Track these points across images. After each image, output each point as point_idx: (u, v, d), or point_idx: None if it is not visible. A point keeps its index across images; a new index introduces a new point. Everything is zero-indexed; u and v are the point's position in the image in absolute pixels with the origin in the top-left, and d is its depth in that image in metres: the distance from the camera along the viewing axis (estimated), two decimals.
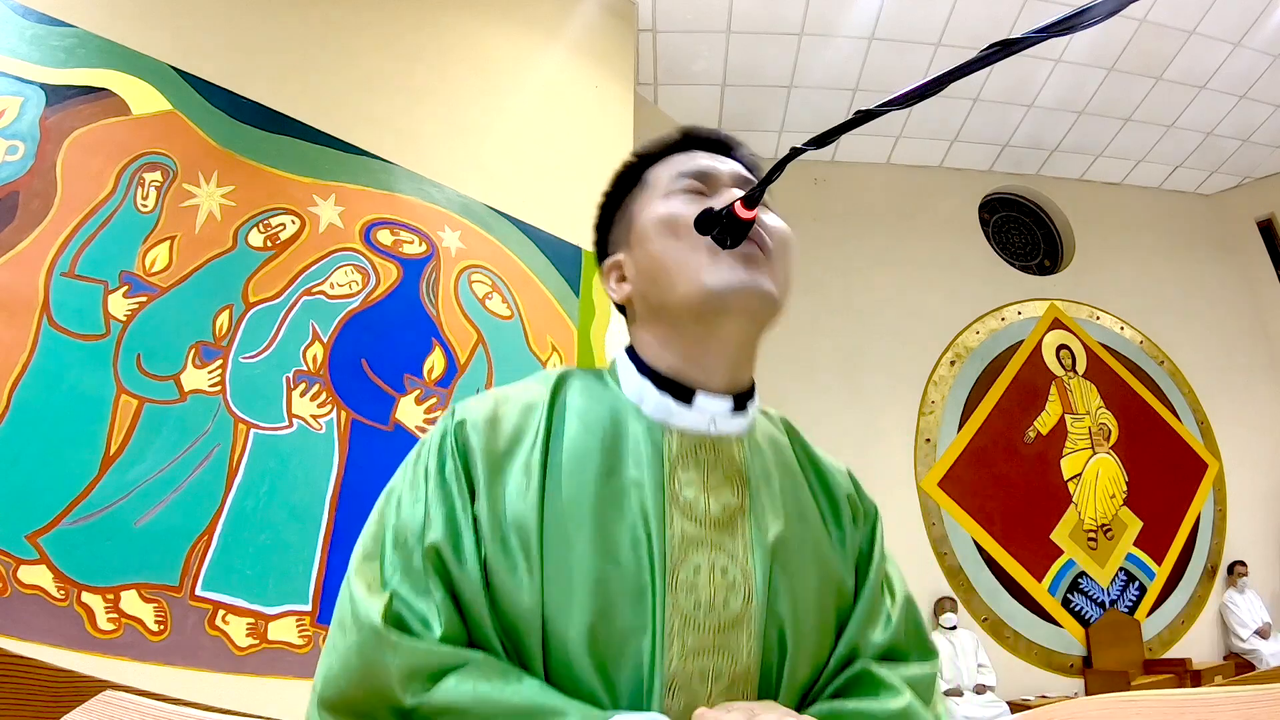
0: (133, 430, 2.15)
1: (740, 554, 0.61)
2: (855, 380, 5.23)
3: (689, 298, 0.64)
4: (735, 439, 0.67)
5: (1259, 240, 6.40)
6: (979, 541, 5.04)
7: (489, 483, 0.60)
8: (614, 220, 0.75)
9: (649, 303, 0.68)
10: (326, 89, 2.92)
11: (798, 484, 0.70)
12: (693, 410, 0.65)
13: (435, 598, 0.56)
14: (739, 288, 0.62)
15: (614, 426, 0.65)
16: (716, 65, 4.83)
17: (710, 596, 0.59)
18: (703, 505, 0.62)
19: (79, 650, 1.92)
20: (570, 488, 0.60)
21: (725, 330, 0.65)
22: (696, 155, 0.72)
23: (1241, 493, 5.67)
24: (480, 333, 3.03)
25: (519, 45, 3.66)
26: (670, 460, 0.63)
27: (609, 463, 0.62)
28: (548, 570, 0.56)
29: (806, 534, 0.66)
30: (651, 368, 0.67)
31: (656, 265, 0.66)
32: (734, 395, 0.68)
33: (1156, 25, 4.66)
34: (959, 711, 4.27)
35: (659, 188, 0.70)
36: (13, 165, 2.13)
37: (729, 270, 0.63)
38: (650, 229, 0.68)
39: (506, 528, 0.58)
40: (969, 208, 6.04)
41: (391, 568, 0.58)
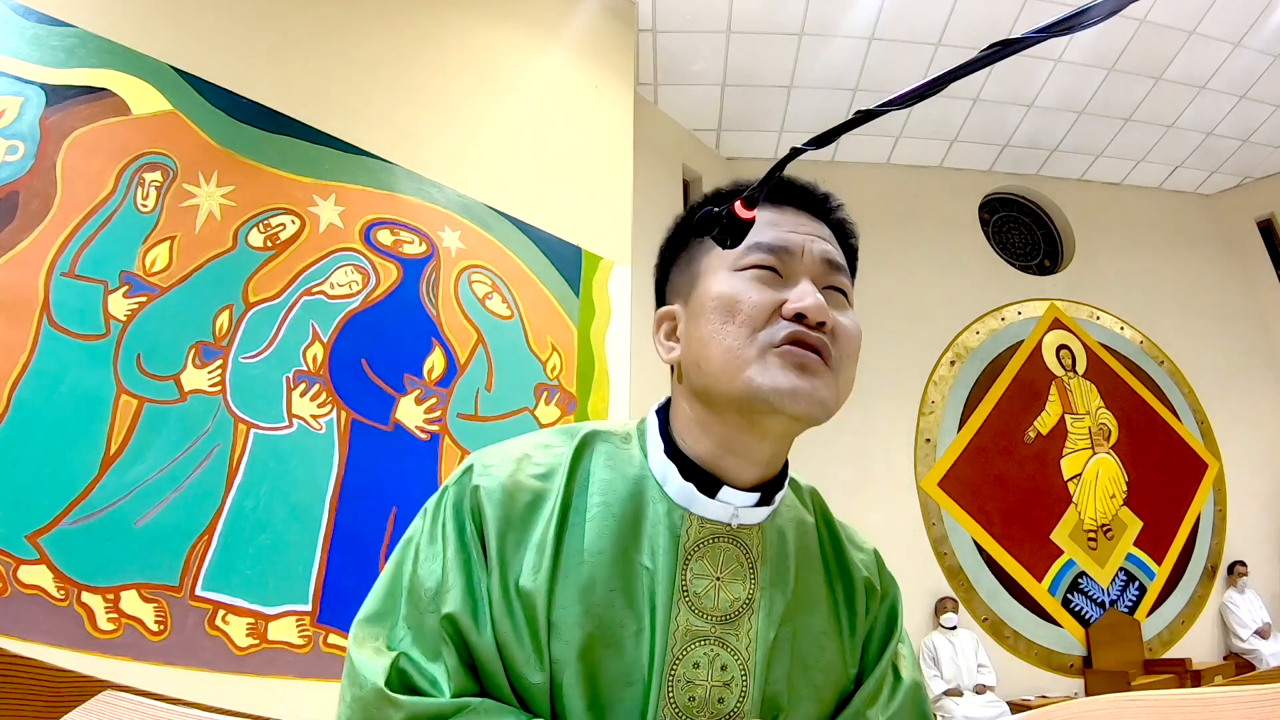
0: (133, 430, 2.15)
1: (742, 650, 0.61)
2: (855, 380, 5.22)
3: (733, 391, 0.60)
4: (755, 528, 0.65)
5: (1259, 240, 6.40)
6: (979, 541, 5.04)
7: (500, 555, 0.59)
8: (678, 264, 0.70)
9: (693, 382, 0.64)
10: (326, 89, 2.92)
11: (813, 571, 0.68)
12: (715, 502, 0.63)
13: (448, 662, 0.56)
14: (788, 392, 0.58)
15: (634, 505, 0.63)
16: (716, 65, 4.83)
17: (706, 693, 0.59)
18: (712, 599, 0.61)
19: (79, 650, 1.92)
20: (582, 573, 0.59)
21: (766, 427, 0.61)
22: (782, 216, 0.66)
23: (1241, 493, 5.67)
24: (480, 333, 3.03)
25: (519, 45, 3.66)
26: (685, 549, 0.62)
27: (623, 544, 0.61)
28: (553, 652, 0.57)
29: (816, 620, 0.66)
30: (681, 450, 0.65)
31: (705, 348, 0.62)
32: (762, 488, 0.65)
33: (1156, 25, 4.66)
34: (959, 712, 4.26)
35: (731, 254, 0.64)
36: (13, 165, 2.13)
37: (778, 373, 0.58)
38: (709, 303, 0.63)
39: (516, 606, 0.58)
40: (969, 208, 6.04)
41: (404, 628, 0.58)
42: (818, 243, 0.65)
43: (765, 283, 0.62)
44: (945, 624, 4.59)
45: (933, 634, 4.60)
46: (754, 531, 0.65)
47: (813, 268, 0.64)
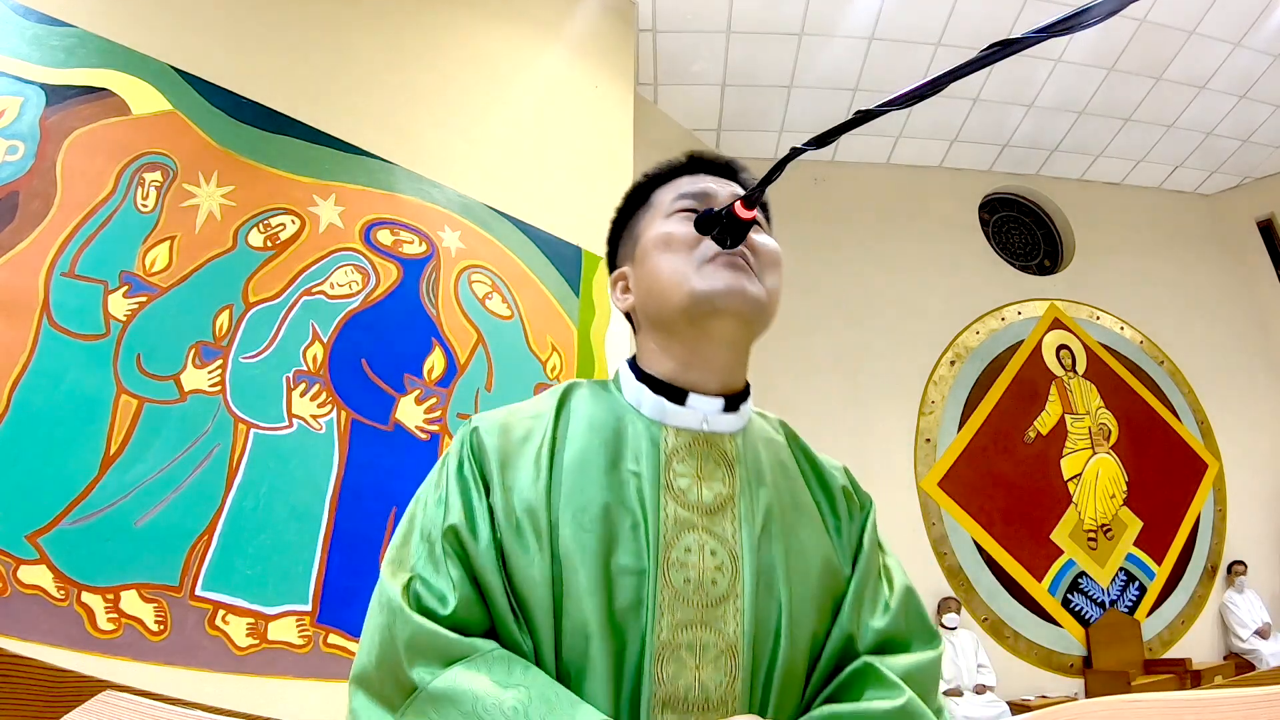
0: (133, 430, 2.15)
1: (729, 537, 0.66)
2: (855, 380, 5.23)
3: (680, 302, 0.69)
4: (728, 435, 0.72)
5: (1259, 240, 6.40)
6: (979, 541, 5.04)
7: (502, 477, 0.66)
8: (622, 237, 0.82)
9: (648, 312, 0.75)
10: (326, 89, 2.92)
11: (792, 477, 0.75)
12: (686, 409, 0.71)
13: (452, 575, 0.61)
14: (724, 290, 0.68)
15: (616, 426, 0.71)
16: (716, 65, 4.83)
17: (700, 575, 0.64)
18: (695, 494, 0.68)
19: (79, 650, 1.92)
20: (576, 479, 0.66)
21: (716, 331, 0.70)
22: (700, 178, 0.78)
23: (1241, 493, 5.67)
24: (480, 333, 3.03)
25: (519, 45, 3.66)
26: (666, 453, 0.69)
27: (611, 457, 0.68)
28: (556, 551, 0.62)
29: (800, 519, 0.71)
30: (649, 374, 0.74)
31: (653, 277, 0.73)
32: (726, 396, 0.73)
33: (1156, 25, 4.66)
34: (959, 712, 4.27)
35: (662, 208, 0.77)
36: (13, 165, 2.13)
37: (714, 276, 0.69)
38: (650, 245, 0.74)
39: (520, 515, 0.64)
40: (969, 208, 6.04)
41: (416, 555, 0.64)
42: (730, 187, 0.78)
43: (691, 220, 0.73)
44: (947, 624, 4.59)
45: None
46: (726, 438, 0.72)
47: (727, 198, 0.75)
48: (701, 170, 0.80)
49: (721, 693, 0.60)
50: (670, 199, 0.76)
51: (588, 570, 0.61)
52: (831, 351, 5.26)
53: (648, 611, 0.61)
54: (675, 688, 0.59)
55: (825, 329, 5.30)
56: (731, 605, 0.63)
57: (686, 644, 0.61)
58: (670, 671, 0.60)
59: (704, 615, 0.62)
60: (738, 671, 0.61)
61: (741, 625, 0.63)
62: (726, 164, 0.81)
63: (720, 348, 0.71)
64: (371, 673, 0.60)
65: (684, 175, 0.80)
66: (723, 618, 0.63)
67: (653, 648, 0.60)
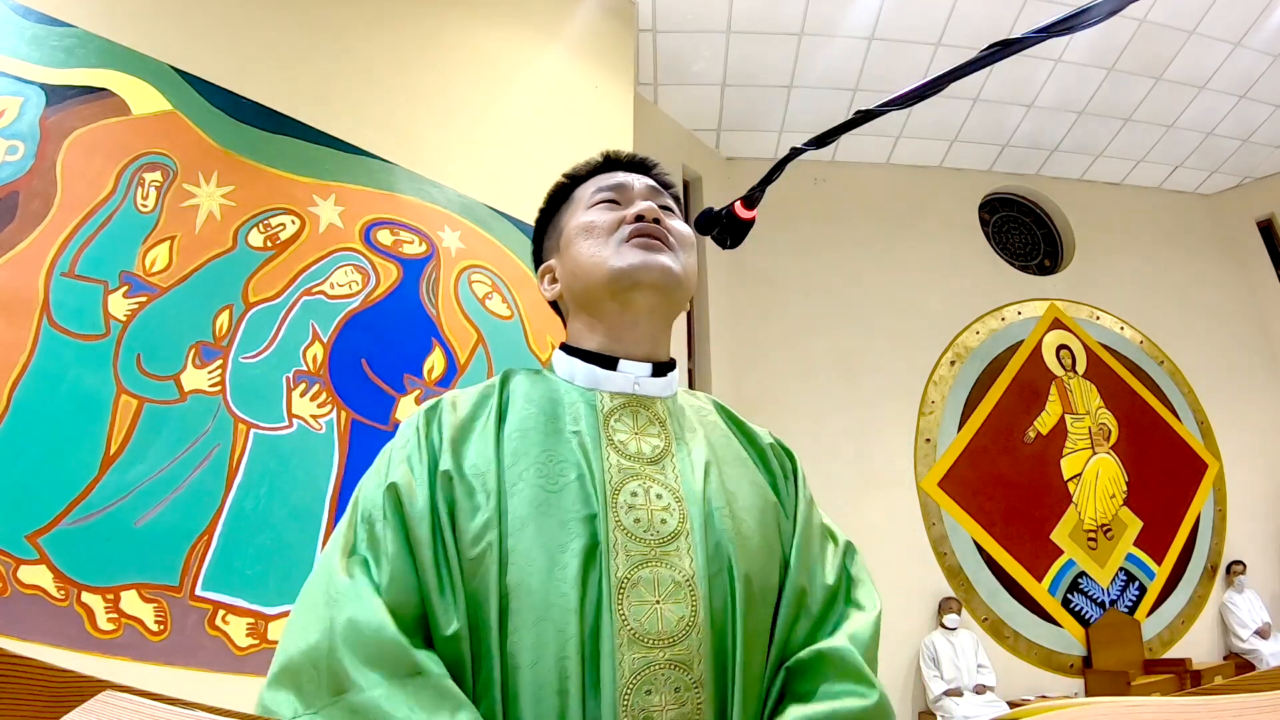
0: (133, 430, 2.15)
1: (672, 483, 0.70)
2: (855, 380, 5.23)
3: (603, 280, 0.76)
4: (658, 399, 0.77)
5: (1259, 240, 6.40)
6: (979, 541, 5.04)
7: (453, 448, 0.68)
8: (547, 232, 0.88)
9: (574, 294, 0.80)
10: (326, 89, 2.92)
11: (725, 435, 0.80)
12: (617, 374, 0.77)
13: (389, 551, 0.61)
14: (641, 264, 0.75)
15: (554, 399, 0.75)
16: (716, 65, 4.83)
17: (648, 516, 0.66)
18: (634, 446, 0.72)
19: (79, 650, 1.92)
20: (521, 443, 0.69)
21: (638, 302, 0.76)
22: (616, 174, 0.85)
23: (1241, 493, 5.67)
24: (480, 333, 3.03)
25: (519, 45, 3.66)
26: (603, 414, 0.73)
27: (552, 423, 0.72)
28: (505, 502, 0.64)
29: (739, 468, 0.75)
30: (580, 349, 0.79)
31: (576, 262, 0.79)
32: (654, 364, 0.78)
33: (1156, 25, 4.66)
34: (959, 712, 4.26)
35: (582, 202, 0.83)
36: (13, 165, 2.13)
37: (630, 254, 0.76)
38: (573, 234, 0.80)
39: (470, 478, 0.66)
40: (969, 208, 6.04)
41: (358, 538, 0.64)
42: (643, 180, 0.85)
43: (610, 208, 0.80)
44: (948, 624, 4.59)
45: (933, 634, 4.61)
46: (657, 401, 0.77)
47: (643, 194, 0.82)
48: (617, 168, 0.87)
49: (685, 625, 0.61)
50: (590, 193, 0.83)
51: (534, 517, 0.63)
52: (831, 352, 5.26)
53: (600, 553, 0.62)
54: (638, 623, 0.60)
55: (825, 329, 5.30)
56: (684, 541, 0.65)
57: (644, 580, 0.62)
58: (631, 609, 0.61)
59: (657, 552, 0.64)
60: (698, 603, 0.62)
61: (696, 559, 0.65)
62: (640, 161, 0.88)
63: (643, 317, 0.77)
64: (296, 662, 0.57)
65: (601, 173, 0.86)
66: (676, 553, 0.65)
67: (611, 586, 0.61)
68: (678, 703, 0.59)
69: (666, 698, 0.59)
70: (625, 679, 0.58)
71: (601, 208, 0.81)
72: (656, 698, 0.58)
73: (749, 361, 5.04)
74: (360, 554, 0.63)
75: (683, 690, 0.59)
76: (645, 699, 0.58)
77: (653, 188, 0.84)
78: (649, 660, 0.59)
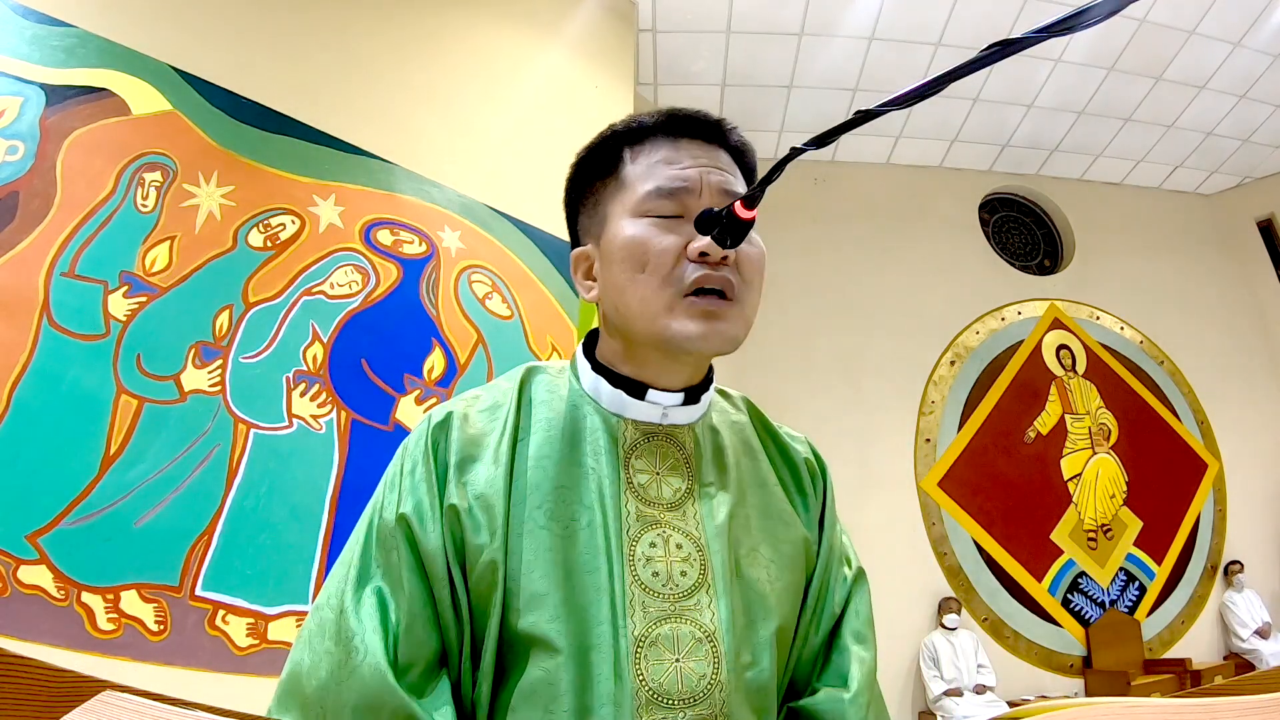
0: (133, 430, 2.15)
1: (693, 530, 0.65)
2: (855, 380, 5.23)
3: (649, 335, 0.65)
4: (686, 427, 0.70)
5: (1259, 240, 6.39)
6: (979, 541, 5.04)
7: (459, 472, 0.64)
8: (584, 204, 0.72)
9: (613, 319, 0.69)
10: (326, 89, 2.92)
11: (756, 457, 0.73)
12: (644, 404, 0.69)
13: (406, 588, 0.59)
14: (698, 336, 0.63)
15: (572, 420, 0.68)
16: (716, 65, 4.83)
17: (667, 568, 0.62)
18: (654, 491, 0.66)
19: (79, 650, 1.92)
20: (534, 474, 0.64)
21: (686, 359, 0.67)
22: (678, 151, 0.67)
23: (1241, 493, 5.67)
24: (480, 333, 3.03)
25: (519, 45, 3.66)
26: (624, 449, 0.67)
27: (569, 452, 0.66)
28: (510, 542, 0.60)
29: (766, 499, 0.70)
30: (607, 367, 0.71)
31: (620, 293, 0.66)
32: (687, 389, 0.70)
33: (1156, 25, 4.66)
34: (959, 711, 4.26)
35: (634, 191, 0.66)
36: (13, 165, 2.13)
37: (689, 323, 0.63)
38: (618, 249, 0.66)
39: (477, 508, 0.62)
40: (969, 208, 6.04)
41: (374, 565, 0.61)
42: (713, 174, 0.67)
43: (668, 225, 0.65)
44: (948, 624, 4.59)
45: (933, 634, 4.60)
46: (686, 430, 0.70)
47: (711, 199, 0.66)
48: (681, 132, 0.68)
49: (707, 683, 0.58)
50: (643, 185, 0.66)
51: (542, 563, 0.59)
52: (832, 352, 5.26)
53: (615, 606, 0.59)
54: (658, 684, 0.57)
55: (825, 329, 5.30)
56: (705, 594, 0.62)
57: (664, 636, 0.59)
58: (650, 666, 0.57)
59: (677, 608, 0.60)
60: (720, 659, 0.59)
61: (718, 613, 0.61)
62: (715, 123, 0.69)
63: (689, 368, 0.69)
64: (307, 695, 0.57)
65: (660, 139, 0.68)
66: (697, 607, 0.61)
67: (628, 646, 0.58)
68: None
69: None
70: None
71: (655, 225, 0.65)
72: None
73: (749, 361, 5.03)
74: (376, 584, 0.60)
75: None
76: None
77: (725, 184, 0.67)
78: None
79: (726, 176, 0.68)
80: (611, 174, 0.69)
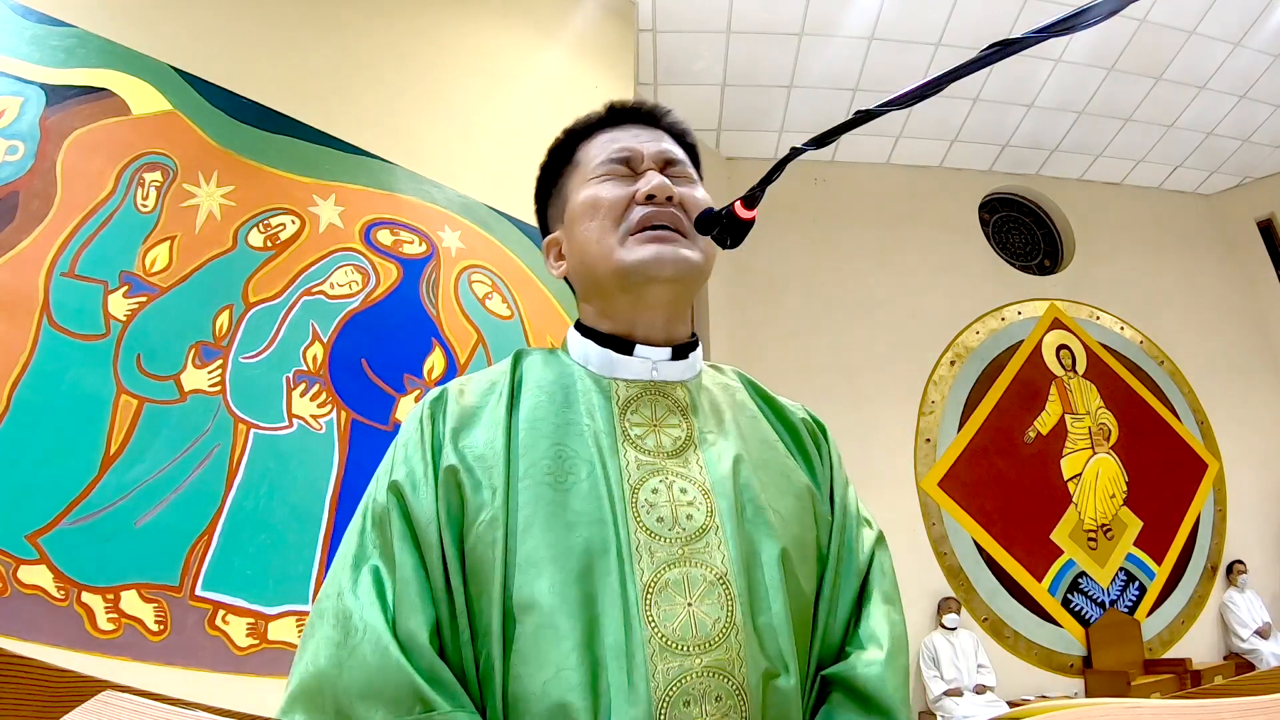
0: (133, 430, 2.15)
1: (697, 475, 0.65)
2: (855, 380, 5.23)
3: (611, 274, 0.70)
4: (679, 383, 0.72)
5: (1259, 240, 6.39)
6: (979, 541, 5.04)
7: (456, 438, 0.64)
8: (551, 197, 0.80)
9: (582, 281, 0.75)
10: (326, 89, 2.92)
11: (754, 416, 0.74)
12: (634, 359, 0.71)
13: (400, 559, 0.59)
14: (653, 260, 0.68)
15: (566, 386, 0.70)
16: (716, 65, 4.83)
17: (671, 513, 0.62)
18: (652, 441, 0.67)
19: (79, 650, 1.92)
20: (531, 435, 0.65)
21: (651, 296, 0.70)
22: (622, 133, 0.76)
23: (1241, 493, 5.67)
24: (480, 333, 3.03)
25: (519, 45, 3.66)
26: (619, 405, 0.68)
27: (564, 414, 0.67)
28: (511, 499, 0.60)
29: (767, 453, 0.70)
30: (594, 330, 0.74)
31: (582, 248, 0.72)
32: (673, 346, 0.73)
33: (1156, 25, 4.66)
34: (959, 711, 4.26)
35: (586, 168, 0.75)
36: (13, 165, 2.13)
37: (639, 249, 0.69)
38: (577, 212, 0.73)
39: (476, 468, 0.62)
40: (969, 208, 6.04)
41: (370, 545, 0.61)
42: (654, 144, 0.75)
43: (617, 182, 0.72)
44: (947, 624, 4.59)
45: (933, 634, 4.60)
46: (677, 386, 0.72)
47: (655, 159, 0.74)
48: (625, 120, 0.78)
49: (722, 627, 0.56)
50: (594, 158, 0.75)
51: (543, 524, 0.58)
52: (831, 351, 5.26)
53: (622, 555, 0.58)
54: (669, 628, 0.56)
55: (825, 329, 5.30)
56: (714, 535, 0.61)
57: (673, 581, 0.58)
58: (661, 613, 0.56)
59: (686, 551, 0.60)
60: (734, 602, 0.58)
61: (728, 554, 0.60)
62: (650, 111, 0.79)
63: (658, 309, 0.71)
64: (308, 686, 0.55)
65: (607, 129, 0.77)
66: (706, 549, 0.60)
67: (637, 594, 0.56)
68: (720, 713, 0.54)
69: (707, 708, 0.54)
70: (660, 692, 0.53)
71: (607, 182, 0.72)
72: (696, 709, 0.54)
73: (749, 361, 5.03)
74: (372, 563, 0.59)
75: (724, 699, 0.55)
76: (683, 711, 0.53)
77: (665, 152, 0.75)
78: (685, 669, 0.55)
79: (666, 146, 0.76)
80: (568, 163, 0.78)
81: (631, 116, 0.78)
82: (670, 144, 0.77)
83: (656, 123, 0.79)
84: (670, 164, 0.75)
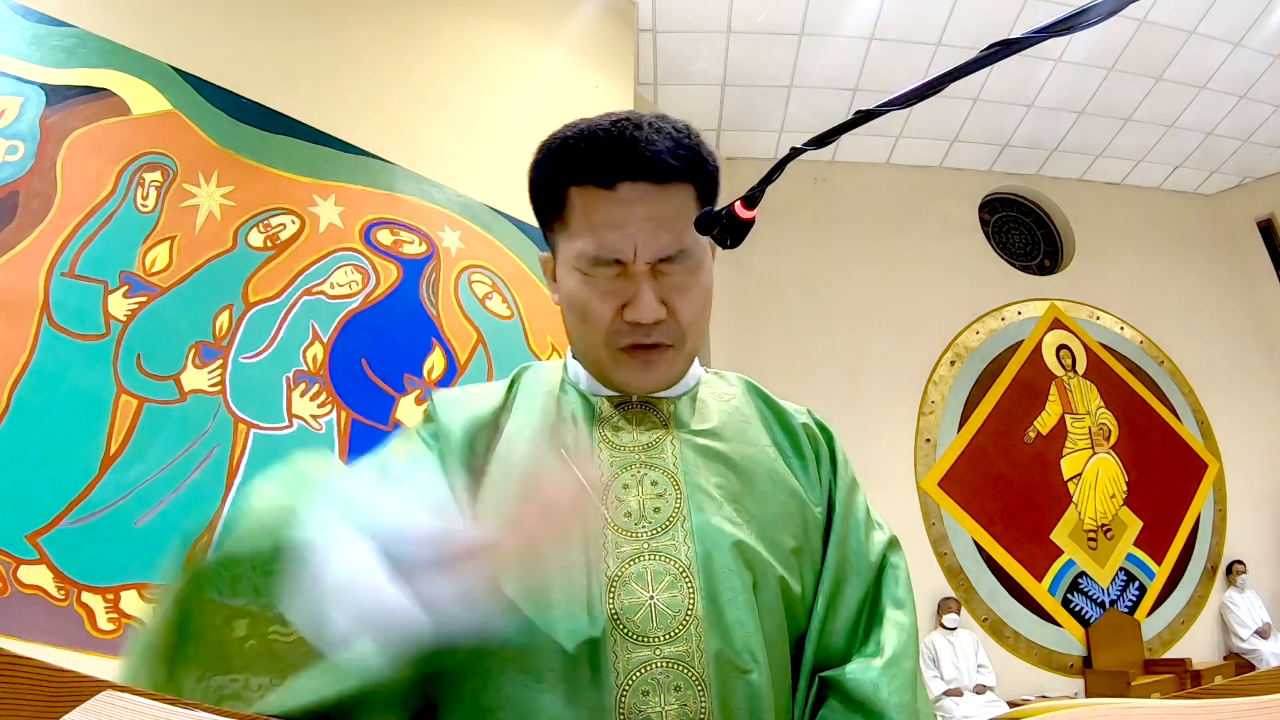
0: (133, 430, 2.15)
1: (669, 465, 0.66)
2: (855, 380, 5.23)
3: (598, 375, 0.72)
4: (664, 400, 0.72)
5: (1259, 240, 6.39)
6: (979, 541, 5.04)
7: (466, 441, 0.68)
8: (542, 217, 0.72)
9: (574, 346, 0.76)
10: (326, 89, 2.92)
11: (746, 420, 0.74)
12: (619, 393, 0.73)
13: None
14: (636, 385, 0.70)
15: (552, 398, 0.72)
16: (716, 65, 4.83)
17: (640, 505, 0.63)
18: (629, 437, 0.68)
19: (79, 650, 1.92)
20: (517, 437, 0.68)
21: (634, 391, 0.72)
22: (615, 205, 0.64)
23: (1241, 493, 5.67)
24: (480, 333, 3.03)
25: (519, 45, 3.66)
26: (600, 415, 0.71)
27: (548, 420, 0.70)
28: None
29: (752, 451, 0.70)
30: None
31: (572, 333, 0.72)
32: None
33: (1156, 25, 4.66)
34: (959, 711, 4.26)
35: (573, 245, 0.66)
36: (13, 165, 2.13)
37: (629, 373, 0.69)
38: (565, 296, 0.70)
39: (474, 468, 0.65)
40: (969, 208, 6.04)
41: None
42: (650, 233, 0.64)
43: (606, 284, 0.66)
44: (947, 624, 4.59)
45: (933, 634, 4.60)
46: (663, 401, 0.72)
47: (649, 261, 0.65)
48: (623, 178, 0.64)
49: (682, 617, 0.58)
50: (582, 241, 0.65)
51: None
52: (831, 352, 5.26)
53: (590, 555, 0.59)
54: (631, 620, 0.57)
55: (825, 329, 5.30)
56: (679, 527, 0.62)
57: (637, 575, 0.59)
58: (623, 605, 0.58)
59: (650, 545, 0.61)
60: (696, 594, 0.59)
61: (693, 545, 0.61)
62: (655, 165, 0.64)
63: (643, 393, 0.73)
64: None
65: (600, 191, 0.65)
66: (671, 542, 0.61)
67: (600, 589, 0.58)
68: (679, 703, 0.55)
69: (666, 699, 0.55)
70: (620, 680, 0.55)
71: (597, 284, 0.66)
72: (655, 699, 0.55)
73: (749, 361, 5.03)
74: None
75: (684, 689, 0.56)
76: (643, 700, 0.55)
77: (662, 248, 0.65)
78: (645, 659, 0.56)
79: (664, 235, 0.65)
80: (558, 216, 0.69)
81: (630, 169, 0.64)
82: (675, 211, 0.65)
83: (647, 170, 0.64)
84: (667, 260, 0.66)
